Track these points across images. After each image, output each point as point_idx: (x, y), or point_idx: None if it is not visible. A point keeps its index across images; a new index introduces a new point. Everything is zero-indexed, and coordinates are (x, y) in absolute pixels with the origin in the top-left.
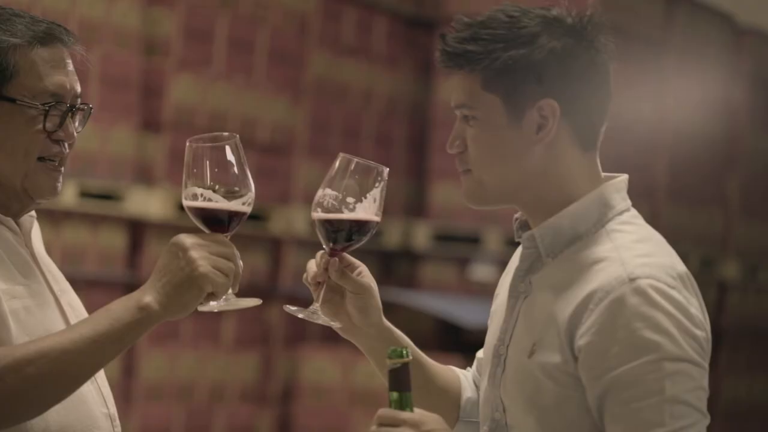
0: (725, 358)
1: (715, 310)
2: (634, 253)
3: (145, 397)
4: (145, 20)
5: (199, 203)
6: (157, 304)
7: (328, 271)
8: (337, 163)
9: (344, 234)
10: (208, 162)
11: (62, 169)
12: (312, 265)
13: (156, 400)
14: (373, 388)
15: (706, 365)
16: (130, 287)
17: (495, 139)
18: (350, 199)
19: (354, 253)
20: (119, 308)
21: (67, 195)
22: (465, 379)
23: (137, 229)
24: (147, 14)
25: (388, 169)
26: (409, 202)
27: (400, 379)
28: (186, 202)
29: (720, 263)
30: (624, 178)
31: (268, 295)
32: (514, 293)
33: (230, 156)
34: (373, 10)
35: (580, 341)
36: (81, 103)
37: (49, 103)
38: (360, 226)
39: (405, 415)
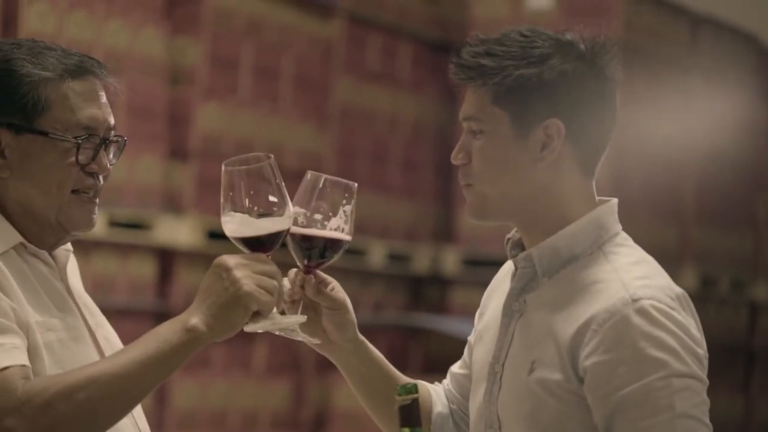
0: (758, 379)
1: (747, 331)
2: (634, 275)
3: (177, 425)
4: (170, 49)
5: (239, 226)
6: (204, 326)
7: (304, 288)
8: (305, 181)
9: (318, 251)
10: (243, 184)
11: (97, 200)
12: (286, 284)
13: (188, 428)
14: None
15: (706, 381)
16: (161, 316)
17: (500, 153)
18: (320, 216)
19: (388, 279)
20: (166, 331)
21: (97, 225)
22: (435, 393)
23: (166, 258)
24: (172, 43)
25: (356, 184)
26: (438, 227)
27: (411, 415)
28: (226, 227)
29: (751, 284)
30: (615, 201)
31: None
32: (508, 312)
33: (266, 177)
34: (397, 35)
35: (586, 362)
36: (114, 135)
37: (82, 136)
38: (333, 243)
39: None
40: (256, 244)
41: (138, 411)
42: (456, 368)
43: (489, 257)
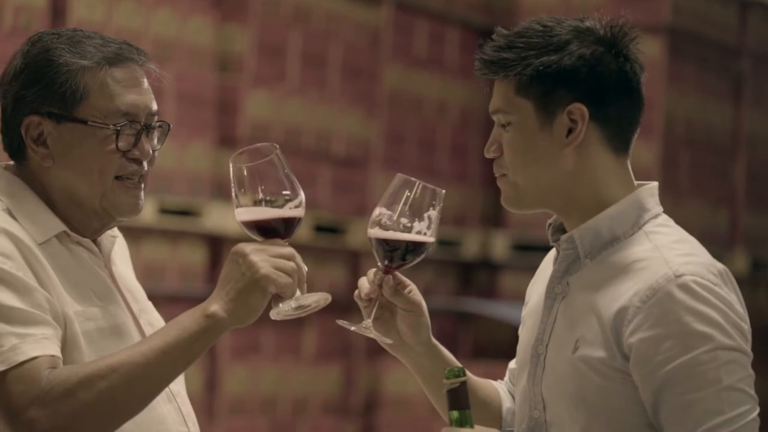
0: None
1: None
2: (676, 252)
3: (228, 411)
4: (218, 37)
5: (251, 215)
6: (223, 311)
7: (382, 288)
8: (394, 183)
9: (400, 253)
10: (251, 177)
11: (142, 186)
12: (364, 282)
13: (239, 414)
14: None
15: (751, 354)
16: None
17: (528, 143)
18: (406, 220)
19: (437, 264)
20: (186, 319)
21: (146, 212)
22: (502, 390)
23: (216, 245)
24: (220, 31)
25: (444, 191)
26: (486, 212)
27: (459, 398)
28: (239, 218)
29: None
30: (655, 184)
31: (348, 307)
32: (551, 295)
33: (274, 167)
34: (444, 21)
35: (631, 339)
36: (157, 121)
37: (121, 123)
38: (416, 246)
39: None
40: (269, 231)
41: (182, 398)
42: (512, 364)
43: (538, 242)
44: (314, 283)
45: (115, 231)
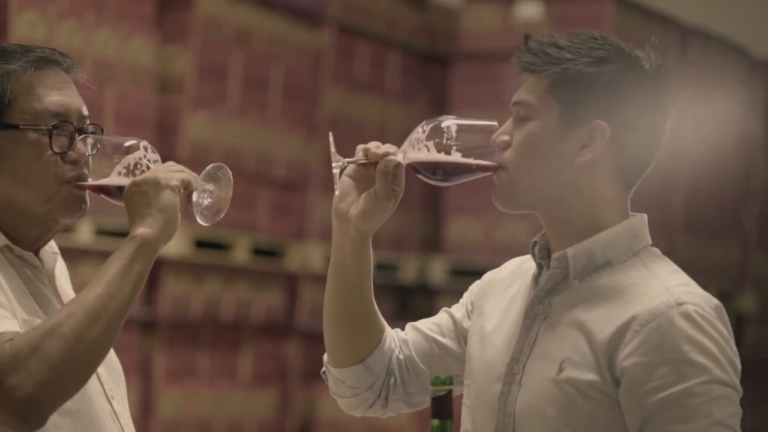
0: (744, 390)
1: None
2: (675, 281)
3: None
4: (159, 58)
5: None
6: (147, 227)
7: (382, 160)
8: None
9: (432, 169)
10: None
11: (85, 190)
12: (375, 143)
13: None
14: (392, 424)
15: (741, 391)
16: (147, 324)
17: (541, 143)
18: (452, 144)
19: (376, 289)
20: (119, 252)
21: (83, 234)
22: (389, 333)
23: (154, 266)
24: (161, 52)
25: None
26: (424, 237)
27: (443, 407)
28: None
29: (737, 296)
30: (645, 216)
31: (285, 331)
32: (531, 314)
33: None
34: (386, 45)
35: (624, 362)
36: (89, 124)
37: (53, 122)
38: (452, 168)
39: None
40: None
41: (126, 418)
42: (425, 329)
43: (475, 267)
44: (252, 305)
45: (55, 248)
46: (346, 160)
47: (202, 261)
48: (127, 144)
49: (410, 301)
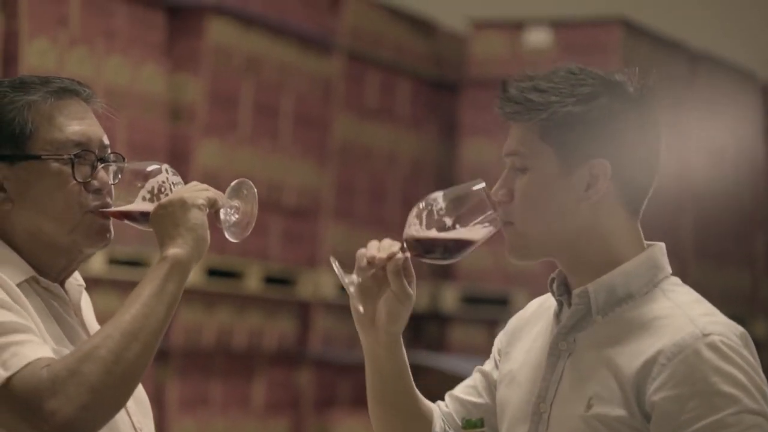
0: None
1: None
2: (699, 312)
3: None
4: (170, 86)
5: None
6: (177, 248)
7: (389, 262)
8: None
9: (432, 248)
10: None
11: (110, 218)
12: (375, 244)
13: None
14: None
15: None
16: (163, 354)
17: (544, 190)
18: (449, 220)
19: None
20: (150, 274)
21: (96, 262)
22: (436, 412)
23: None
24: (172, 80)
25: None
26: (437, 265)
27: None
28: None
29: (748, 322)
30: (663, 245)
31: (297, 359)
32: (555, 352)
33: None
34: (396, 72)
35: (654, 397)
36: (111, 152)
37: (74, 152)
38: (457, 246)
39: None
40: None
41: None
42: (462, 394)
43: (487, 294)
44: (264, 333)
45: (81, 280)
46: (356, 278)
47: (214, 290)
48: (149, 169)
49: (423, 329)
